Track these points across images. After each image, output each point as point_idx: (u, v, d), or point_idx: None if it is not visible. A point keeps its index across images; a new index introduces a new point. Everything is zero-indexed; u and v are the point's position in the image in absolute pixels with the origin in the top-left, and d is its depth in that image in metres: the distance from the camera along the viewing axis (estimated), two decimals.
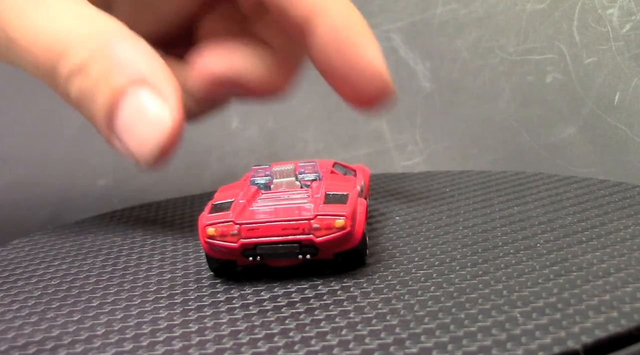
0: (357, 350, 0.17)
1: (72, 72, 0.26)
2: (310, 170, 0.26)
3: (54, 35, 0.26)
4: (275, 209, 0.23)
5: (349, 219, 0.22)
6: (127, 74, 0.25)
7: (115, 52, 0.26)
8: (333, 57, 0.28)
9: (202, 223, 0.23)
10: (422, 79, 0.43)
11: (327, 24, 0.28)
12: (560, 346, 0.17)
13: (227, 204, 0.23)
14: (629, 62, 0.35)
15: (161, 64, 0.26)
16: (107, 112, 0.26)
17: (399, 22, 0.43)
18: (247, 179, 0.27)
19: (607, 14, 0.35)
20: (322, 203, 0.23)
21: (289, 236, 0.22)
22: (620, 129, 0.35)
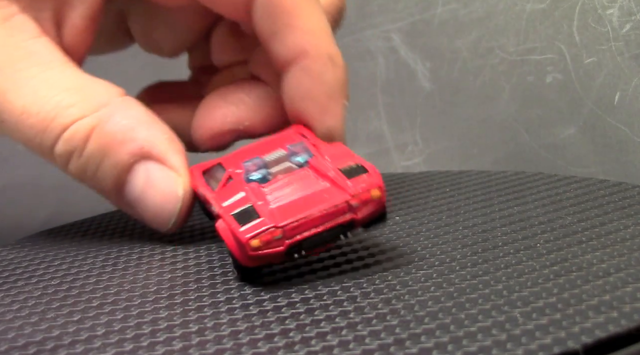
0: (357, 350, 0.17)
1: (67, 153, 0.25)
2: (301, 150, 0.25)
3: (43, 115, 0.25)
4: (304, 199, 0.22)
5: (382, 188, 0.22)
6: (129, 149, 0.25)
7: (113, 128, 0.25)
8: (296, 109, 0.28)
9: (240, 237, 0.21)
10: (422, 79, 0.43)
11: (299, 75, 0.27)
12: (560, 346, 0.17)
13: (251, 210, 0.22)
14: (629, 62, 0.35)
15: (164, 131, 0.26)
16: (114, 188, 0.26)
17: (399, 22, 0.43)
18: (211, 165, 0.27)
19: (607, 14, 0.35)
20: (347, 179, 0.22)
21: (331, 222, 0.22)
22: (620, 129, 0.35)
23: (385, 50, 0.44)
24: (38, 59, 0.26)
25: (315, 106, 0.28)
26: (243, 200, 0.23)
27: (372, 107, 0.45)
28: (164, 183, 0.26)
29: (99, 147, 0.25)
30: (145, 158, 0.25)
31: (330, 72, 0.28)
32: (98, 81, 0.26)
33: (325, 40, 0.27)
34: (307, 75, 0.27)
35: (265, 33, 0.27)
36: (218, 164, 0.26)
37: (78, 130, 0.25)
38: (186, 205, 0.26)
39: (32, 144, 0.26)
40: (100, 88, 0.26)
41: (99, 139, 0.25)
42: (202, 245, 0.27)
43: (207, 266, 0.24)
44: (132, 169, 0.26)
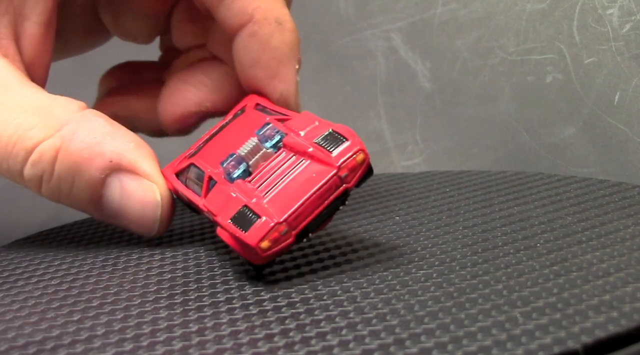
0: (357, 350, 0.17)
1: (37, 177, 0.25)
2: (270, 132, 0.24)
3: (5, 139, 0.25)
4: (294, 184, 0.22)
5: (364, 149, 0.22)
6: (98, 165, 0.25)
7: (78, 145, 0.25)
8: (247, 76, 0.28)
9: (248, 243, 0.21)
10: (422, 79, 0.43)
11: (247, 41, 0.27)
12: (560, 346, 0.16)
13: (248, 211, 0.22)
14: (629, 62, 0.35)
15: (129, 139, 0.26)
16: (91, 204, 0.26)
17: (399, 22, 0.43)
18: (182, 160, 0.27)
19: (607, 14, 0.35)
20: (329, 151, 0.22)
21: (328, 198, 0.22)
22: (620, 129, 0.35)
23: (385, 50, 0.44)
24: None
25: (265, 72, 0.27)
26: (235, 202, 0.23)
27: (372, 107, 0.45)
28: (139, 192, 0.25)
29: (68, 167, 0.25)
30: (116, 170, 0.25)
31: (278, 36, 0.27)
32: (57, 98, 0.26)
33: (272, 3, 0.27)
34: (255, 40, 0.27)
35: (212, 1, 0.27)
36: (190, 165, 0.26)
37: (43, 153, 0.25)
38: (166, 209, 0.26)
39: (1, 170, 0.25)
40: (59, 106, 0.26)
41: (66, 160, 0.25)
42: (202, 246, 0.27)
43: (207, 266, 0.24)
44: (106, 183, 0.25)
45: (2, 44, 0.27)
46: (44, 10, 0.27)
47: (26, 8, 0.27)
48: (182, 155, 0.28)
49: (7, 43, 0.27)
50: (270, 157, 0.24)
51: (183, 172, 0.27)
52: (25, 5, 0.27)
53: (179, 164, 0.27)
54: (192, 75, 0.30)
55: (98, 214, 0.26)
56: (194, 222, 0.30)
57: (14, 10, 0.27)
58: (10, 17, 0.27)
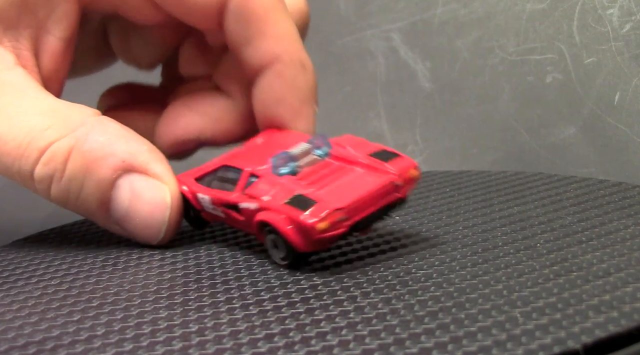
0: (357, 350, 0.17)
1: (48, 176, 0.25)
2: (321, 142, 0.25)
3: (19, 140, 0.25)
4: (348, 184, 0.23)
5: (417, 167, 0.24)
6: (110, 164, 0.25)
7: (92, 145, 0.25)
8: (269, 113, 0.28)
9: (304, 222, 0.22)
10: (422, 79, 0.43)
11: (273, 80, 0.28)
12: (560, 346, 0.17)
13: (303, 197, 0.23)
14: (629, 62, 0.35)
15: (143, 142, 0.26)
16: (100, 207, 0.26)
17: (399, 22, 0.43)
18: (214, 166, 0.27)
19: (607, 14, 0.35)
20: (385, 163, 0.24)
21: (382, 201, 0.23)
22: (620, 129, 0.35)
23: (385, 50, 0.44)
24: (12, 88, 0.26)
25: (288, 110, 0.28)
26: (287, 191, 0.23)
27: (372, 107, 0.45)
28: (150, 192, 0.26)
29: (80, 166, 0.25)
30: (128, 171, 0.25)
31: (302, 77, 0.28)
32: (72, 105, 0.26)
33: (297, 46, 0.28)
34: (281, 80, 0.28)
35: (237, 40, 0.28)
36: (222, 167, 0.26)
37: (56, 152, 0.25)
38: (175, 211, 0.26)
39: (11, 172, 0.26)
40: (74, 110, 0.26)
41: (78, 158, 0.25)
42: (202, 246, 0.27)
43: (207, 266, 0.24)
44: (116, 185, 0.25)
45: (21, 54, 0.27)
46: (68, 27, 0.28)
47: (50, 23, 0.27)
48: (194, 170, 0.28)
49: (27, 55, 0.27)
50: (317, 163, 0.25)
51: (207, 175, 0.27)
52: (49, 19, 0.27)
53: (201, 168, 0.27)
54: (197, 103, 0.31)
55: (104, 218, 0.26)
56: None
57: (37, 24, 0.27)
58: (32, 30, 0.27)
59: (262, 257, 0.25)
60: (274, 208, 0.23)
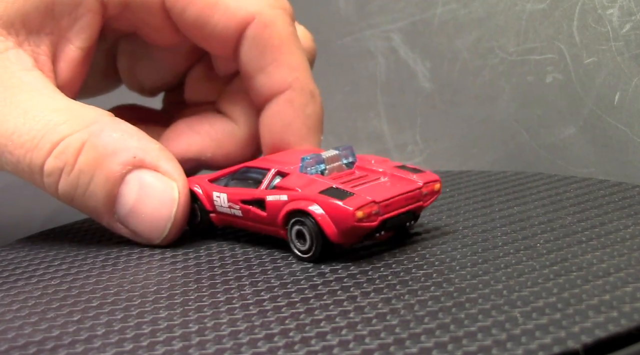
0: (357, 350, 0.17)
1: (58, 169, 0.25)
2: (349, 152, 0.26)
3: (33, 133, 0.25)
4: (378, 187, 0.24)
5: (440, 181, 0.25)
6: (121, 159, 0.26)
7: (105, 139, 0.26)
8: (276, 138, 0.29)
9: (344, 209, 0.23)
10: (422, 79, 0.43)
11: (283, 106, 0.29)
12: (560, 346, 0.17)
13: (339, 189, 0.24)
14: (629, 62, 0.35)
15: (154, 141, 0.27)
16: (106, 203, 0.26)
17: (399, 22, 0.43)
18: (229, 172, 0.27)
19: (607, 14, 0.35)
20: (411, 173, 0.25)
21: (409, 205, 0.24)
22: (620, 129, 0.35)
23: (385, 50, 0.44)
24: (29, 87, 0.26)
25: (295, 136, 0.29)
26: (321, 184, 0.24)
27: (372, 107, 0.45)
28: (158, 187, 0.26)
29: (92, 159, 0.25)
30: (138, 167, 0.26)
31: (311, 106, 0.29)
32: (87, 105, 0.27)
33: (308, 76, 0.29)
34: (291, 107, 0.29)
35: (252, 67, 0.29)
36: (242, 168, 0.27)
37: (69, 145, 0.25)
38: (182, 208, 0.26)
39: (22, 166, 0.26)
40: (88, 109, 0.27)
41: (91, 152, 0.25)
42: (202, 246, 0.27)
43: (207, 266, 0.24)
44: (125, 180, 0.26)
45: (40, 59, 0.27)
46: (88, 38, 0.28)
47: (72, 32, 0.28)
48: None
49: (45, 60, 0.28)
50: (343, 170, 0.26)
51: (223, 177, 0.27)
52: (72, 29, 0.28)
53: (222, 171, 0.28)
54: (199, 124, 0.31)
55: (109, 216, 0.26)
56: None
57: (59, 32, 0.28)
58: (53, 38, 0.28)
59: (262, 258, 0.25)
60: (309, 197, 0.24)
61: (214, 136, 0.31)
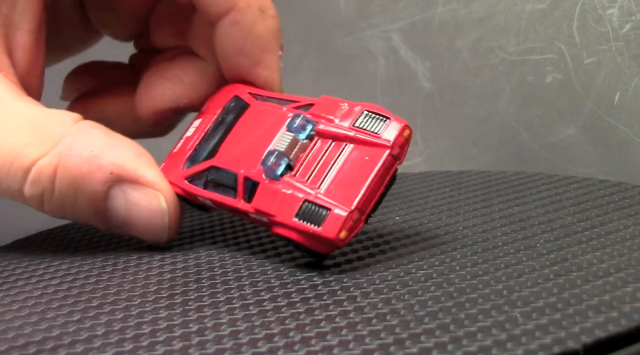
0: (357, 350, 0.17)
1: (38, 195, 0.25)
2: (304, 123, 0.24)
3: (2, 159, 0.24)
4: (349, 170, 0.23)
5: (408, 125, 0.23)
6: (99, 178, 0.25)
7: (76, 160, 0.24)
8: (230, 64, 0.28)
9: (325, 236, 0.22)
10: (422, 79, 0.43)
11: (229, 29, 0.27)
12: (560, 346, 0.16)
13: (312, 206, 0.22)
14: (629, 62, 0.35)
15: (128, 148, 0.25)
16: (97, 217, 0.25)
17: (399, 22, 0.43)
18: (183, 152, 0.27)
19: (607, 14, 0.35)
20: (375, 132, 0.23)
21: (386, 178, 0.23)
22: (620, 129, 0.35)
23: (385, 50, 0.44)
24: None
25: (248, 59, 0.27)
26: (292, 199, 0.23)
27: None
28: (144, 201, 0.25)
29: (68, 184, 0.24)
30: (118, 181, 0.25)
31: (261, 23, 0.27)
32: (51, 113, 0.26)
33: None
34: (237, 28, 0.27)
35: None
36: (210, 167, 0.26)
37: (42, 171, 0.24)
38: (173, 216, 0.26)
39: (1, 190, 0.25)
40: (53, 121, 0.25)
41: (65, 176, 0.24)
42: (202, 246, 0.27)
43: (207, 266, 0.24)
44: (109, 196, 0.25)
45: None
46: (34, 17, 0.27)
47: (15, 17, 0.26)
48: (171, 155, 0.28)
49: (1, 58, 0.26)
50: (307, 148, 0.24)
51: (199, 175, 0.26)
52: (14, 14, 0.26)
53: (186, 169, 0.27)
54: (170, 71, 0.30)
55: (105, 226, 0.26)
56: (194, 223, 0.30)
57: (3, 21, 0.26)
58: (0, 29, 0.26)
59: (262, 257, 0.25)
60: (288, 224, 0.23)
61: (186, 80, 0.30)
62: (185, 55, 0.30)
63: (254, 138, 0.25)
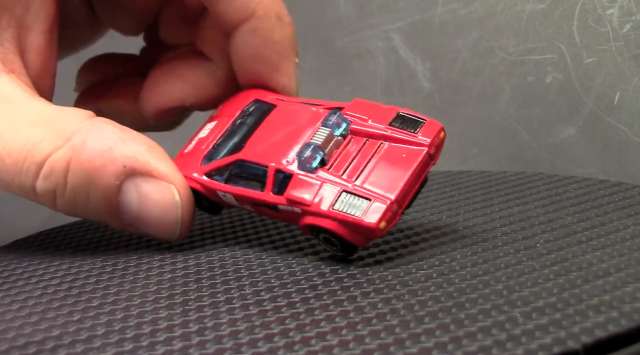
0: (357, 350, 0.17)
1: (50, 191, 0.25)
2: (339, 120, 0.25)
3: (15, 155, 0.24)
4: (387, 165, 0.23)
5: (443, 127, 0.24)
6: (112, 172, 0.24)
7: (90, 154, 0.24)
8: (248, 70, 0.28)
9: (366, 226, 0.22)
10: (422, 79, 0.43)
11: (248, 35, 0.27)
12: (560, 346, 0.16)
13: (351, 196, 0.23)
14: (629, 62, 0.35)
15: (140, 142, 0.25)
16: (110, 213, 0.25)
17: (399, 22, 0.43)
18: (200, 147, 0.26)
19: (607, 14, 0.35)
20: (412, 132, 0.24)
21: (422, 175, 0.23)
22: (620, 129, 0.35)
23: (385, 50, 0.44)
24: (1, 99, 0.25)
25: (267, 66, 0.28)
26: (330, 189, 0.23)
27: None
28: (157, 194, 0.25)
29: (81, 177, 0.24)
30: (131, 175, 0.25)
31: (279, 31, 0.27)
32: (64, 110, 0.26)
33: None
34: (256, 35, 0.27)
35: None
36: (237, 161, 0.25)
37: (55, 165, 0.24)
38: (186, 209, 0.25)
39: (13, 188, 0.25)
40: (66, 116, 0.25)
41: (78, 170, 0.24)
42: (201, 246, 0.27)
43: (207, 266, 0.24)
44: (122, 190, 0.25)
45: (7, 59, 0.26)
46: (47, 18, 0.27)
47: (28, 18, 0.27)
48: (183, 155, 0.28)
49: (12, 58, 0.26)
50: (341, 145, 0.24)
51: (220, 170, 0.26)
52: (28, 15, 0.26)
53: (205, 165, 0.26)
54: (177, 70, 0.30)
55: (117, 223, 0.26)
56: (194, 223, 0.30)
57: (16, 22, 0.26)
58: (13, 30, 0.26)
59: (261, 257, 0.25)
60: (324, 213, 0.23)
61: (194, 81, 0.30)
62: (194, 56, 0.30)
63: (285, 134, 0.25)
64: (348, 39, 0.46)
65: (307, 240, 0.26)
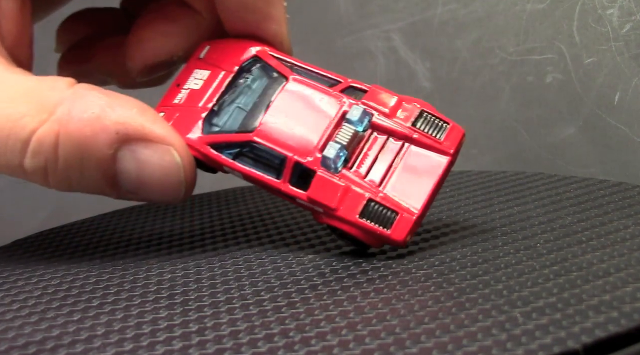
0: (357, 350, 0.17)
1: (41, 168, 0.23)
2: (363, 116, 0.24)
3: None
4: (413, 173, 0.23)
5: (464, 131, 0.24)
6: (105, 140, 0.23)
7: (78, 124, 0.23)
8: (237, 20, 0.27)
9: (394, 239, 0.23)
10: (422, 79, 0.43)
11: None
12: (560, 346, 0.16)
13: (379, 206, 0.23)
14: (629, 62, 0.35)
15: (130, 105, 0.24)
16: (107, 184, 0.24)
17: (399, 22, 0.43)
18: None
19: (607, 14, 0.35)
20: (436, 137, 0.24)
21: (442, 182, 0.23)
22: (620, 129, 0.35)
23: (385, 50, 0.44)
24: None
25: (255, 15, 0.27)
26: (357, 196, 0.23)
27: None
28: (155, 158, 0.24)
29: (73, 150, 0.23)
30: (125, 142, 0.23)
31: None
32: (44, 80, 0.24)
33: None
34: None
35: None
36: (251, 142, 0.24)
37: (43, 140, 0.23)
38: (189, 170, 0.24)
39: (2, 168, 0.24)
40: (47, 87, 0.24)
41: (68, 143, 0.23)
42: (201, 246, 0.27)
43: (207, 266, 0.24)
44: (117, 158, 0.23)
45: None
46: None
47: None
48: (173, 106, 0.26)
49: None
50: (362, 140, 0.24)
51: (229, 145, 0.25)
52: None
53: (209, 134, 0.25)
54: (163, 23, 0.29)
55: (117, 192, 0.24)
56: (194, 222, 0.30)
57: None
58: None
59: (261, 257, 0.25)
60: (350, 219, 0.23)
61: (180, 34, 0.28)
62: (178, 7, 0.29)
63: (304, 119, 0.25)
64: (348, 39, 0.46)
65: (307, 240, 0.26)
